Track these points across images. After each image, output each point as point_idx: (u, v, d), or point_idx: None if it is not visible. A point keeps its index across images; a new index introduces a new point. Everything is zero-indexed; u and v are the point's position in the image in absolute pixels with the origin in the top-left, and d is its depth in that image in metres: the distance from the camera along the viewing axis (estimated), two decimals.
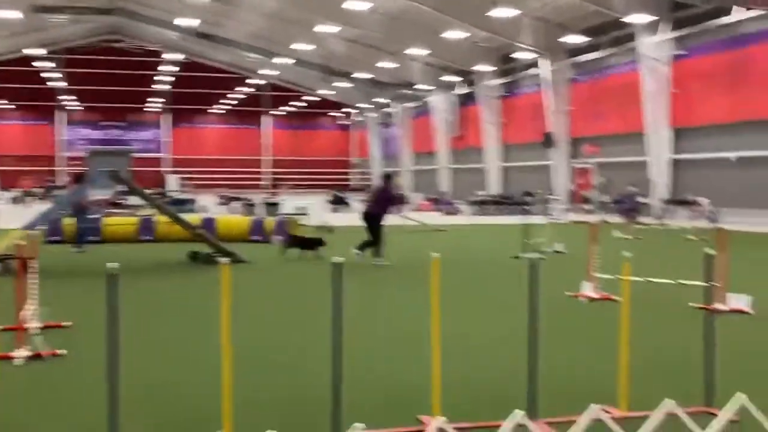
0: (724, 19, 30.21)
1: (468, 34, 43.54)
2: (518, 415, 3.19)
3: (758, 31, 29.97)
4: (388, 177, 16.91)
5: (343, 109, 77.24)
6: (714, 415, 5.28)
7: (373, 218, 15.69)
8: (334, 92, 68.87)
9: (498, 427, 4.66)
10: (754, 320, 9.55)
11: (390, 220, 15.94)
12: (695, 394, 5.75)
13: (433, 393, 5.19)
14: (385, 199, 16.09)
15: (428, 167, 61.34)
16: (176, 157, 75.11)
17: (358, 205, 38.33)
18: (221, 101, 74.97)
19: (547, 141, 42.79)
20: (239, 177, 73.09)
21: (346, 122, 79.11)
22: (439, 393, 5.19)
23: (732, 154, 31.57)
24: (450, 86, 54.96)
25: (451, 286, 12.05)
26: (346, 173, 79.91)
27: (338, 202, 39.08)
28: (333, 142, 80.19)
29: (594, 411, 3.23)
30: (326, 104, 76.31)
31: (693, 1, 27.72)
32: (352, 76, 57.84)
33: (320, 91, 70.60)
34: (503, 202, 39.91)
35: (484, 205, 39.08)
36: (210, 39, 54.84)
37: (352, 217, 34.10)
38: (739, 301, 10.11)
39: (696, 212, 30.36)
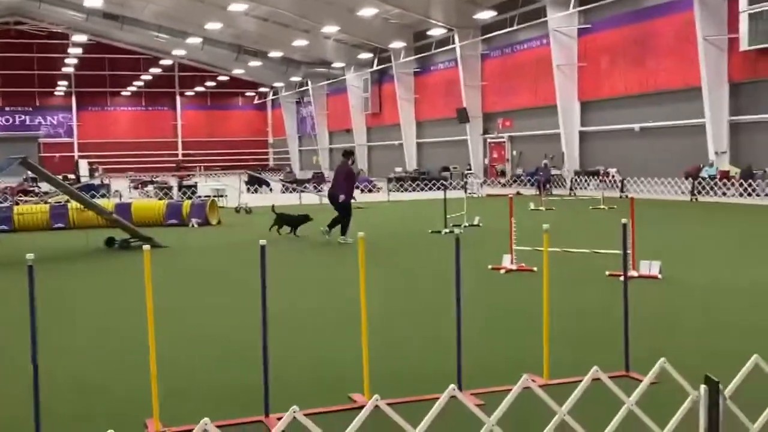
0: None
1: (380, 11, 43.56)
2: (451, 389, 3.27)
3: (660, 4, 30.93)
4: (347, 154, 16.36)
5: (259, 89, 76.27)
6: (633, 378, 5.53)
7: (336, 198, 15.58)
8: (248, 72, 67.92)
9: (428, 400, 4.76)
10: (662, 283, 9.95)
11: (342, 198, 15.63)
12: (614, 359, 5.98)
13: (364, 370, 5.25)
14: (346, 178, 15.80)
15: (345, 145, 61.26)
16: (85, 141, 72.84)
17: (277, 184, 38.13)
18: (133, 83, 72.98)
19: (461, 116, 43.29)
20: (153, 160, 71.53)
21: (261, 102, 78.17)
22: (368, 370, 5.24)
23: (636, 125, 32.62)
24: (365, 64, 54.92)
25: (374, 262, 12.13)
26: (263, 153, 79.10)
27: (255, 183, 38.63)
28: (248, 122, 79.16)
29: (524, 380, 3.34)
30: (240, 84, 75.22)
31: None
32: (266, 55, 57.13)
33: (234, 71, 69.53)
34: (421, 178, 40.24)
35: (402, 181, 39.32)
36: (117, 19, 53.20)
37: (272, 197, 33.93)
38: (651, 267, 10.51)
39: (605, 182, 31.31)
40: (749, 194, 25.73)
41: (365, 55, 53.58)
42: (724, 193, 26.63)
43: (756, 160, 27.12)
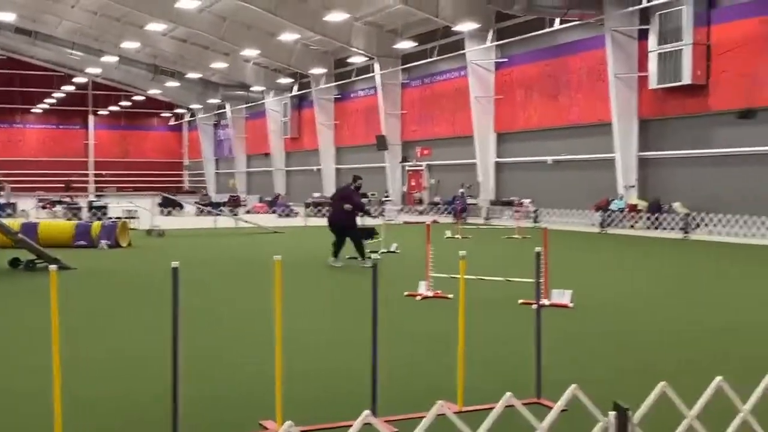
0: (544, 30, 31.95)
1: (301, 37, 43.69)
2: (365, 415, 3.23)
3: (573, 41, 31.96)
4: (356, 178, 16.26)
5: (175, 110, 75.09)
6: (545, 405, 5.59)
7: (335, 225, 15.37)
8: (164, 92, 66.85)
9: (342, 427, 4.70)
10: (574, 312, 10.16)
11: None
12: (527, 386, 6.05)
13: (276, 396, 5.15)
14: (346, 202, 15.42)
15: (263, 169, 60.86)
16: None
17: (192, 207, 37.50)
18: (44, 100, 70.80)
19: (381, 143, 43.58)
20: (63, 179, 69.36)
21: (177, 123, 76.95)
22: (281, 395, 5.15)
23: (549, 158, 33.48)
24: (285, 88, 54.82)
25: (291, 287, 12.02)
26: (178, 175, 77.73)
27: (168, 205, 37.89)
28: (164, 143, 77.77)
29: (439, 407, 3.32)
30: (156, 104, 73.94)
31: (514, 11, 29.12)
32: (184, 76, 56.41)
33: (150, 91, 68.31)
34: None
35: (320, 206, 39.22)
36: (29, 35, 51.63)
37: (186, 220, 33.33)
38: (562, 296, 10.72)
39: (520, 212, 31.97)
40: (656, 227, 26.65)
41: (285, 80, 53.52)
42: (632, 226, 27.51)
43: (662, 194, 28.14)
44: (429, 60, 39.16)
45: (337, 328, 9.26)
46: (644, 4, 27.11)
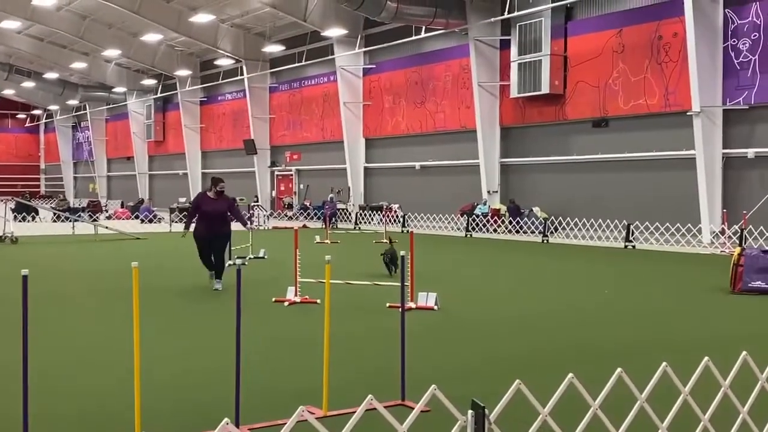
0: (411, 38, 32.52)
1: (165, 38, 42.60)
2: (224, 424, 3.16)
3: (440, 50, 32.71)
4: (214, 182, 13.53)
5: (31, 111, 71.38)
6: (408, 407, 5.66)
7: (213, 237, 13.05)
8: (19, 92, 63.44)
9: None
10: (438, 314, 10.36)
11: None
12: (392, 388, 6.10)
13: (135, 406, 4.96)
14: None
15: (126, 173, 58.86)
16: None
17: (47, 213, 35.73)
18: None
19: (249, 148, 43.08)
20: None
21: (33, 124, 73.18)
22: (139, 405, 4.97)
23: (417, 164, 34.09)
24: (148, 90, 53.26)
25: (151, 295, 11.65)
26: (35, 179, 73.91)
27: (23, 210, 35.96)
28: (18, 145, 73.73)
29: (300, 412, 3.30)
30: (11, 105, 70.04)
31: (380, 18, 29.49)
32: (41, 76, 53.77)
33: (4, 91, 64.64)
34: None
35: (185, 212, 38.28)
36: None
37: (42, 226, 31.74)
38: (427, 298, 10.92)
39: (388, 217, 32.35)
40: (517, 231, 27.62)
41: (149, 81, 52.02)
42: (495, 230, 28.39)
43: (523, 199, 29.20)
44: (298, 64, 39.07)
45: (200, 335, 9.04)
46: (506, 15, 28.07)
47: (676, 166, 24.46)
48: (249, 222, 14.52)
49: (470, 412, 3.44)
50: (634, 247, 22.52)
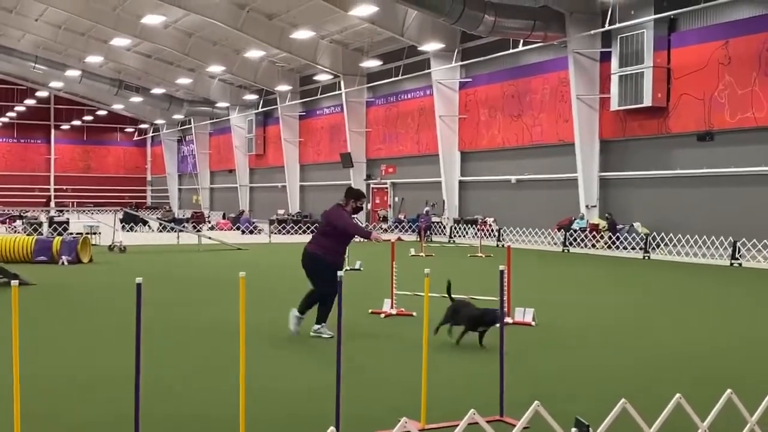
0: (508, 51, 32.32)
1: (267, 54, 43.70)
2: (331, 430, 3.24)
3: (537, 62, 32.38)
4: (351, 195, 10.19)
5: (139, 125, 74.39)
6: (508, 423, 5.64)
7: (313, 260, 9.78)
8: (128, 107, 66.26)
9: None
10: (536, 330, 10.24)
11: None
12: (490, 403, 6.09)
13: (240, 416, 5.12)
14: (335, 229, 9.83)
15: (227, 185, 60.54)
16: None
17: (155, 223, 37.13)
18: (5, 114, 69.53)
19: (346, 161, 43.63)
20: (24, 194, 68.23)
21: (140, 138, 76.24)
22: (244, 415, 5.12)
23: (512, 177, 33.79)
24: (250, 105, 54.70)
25: (253, 304, 11.95)
26: (141, 191, 76.93)
27: (131, 221, 37.47)
28: (126, 158, 76.91)
29: (402, 424, 3.35)
30: (120, 119, 73.21)
31: (478, 32, 29.45)
32: (148, 91, 56.01)
33: (113, 106, 67.64)
34: (303, 221, 40.18)
35: (284, 223, 39.11)
36: None
37: (148, 236, 33.00)
38: (525, 314, 10.81)
39: (483, 231, 32.15)
40: (616, 246, 26.98)
41: (250, 96, 53.43)
42: (593, 245, 27.82)
43: (622, 214, 28.52)
44: (394, 79, 39.38)
45: (296, 344, 9.22)
46: (607, 27, 27.58)
47: None
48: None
49: (574, 430, 3.42)
50: (740, 264, 21.68)
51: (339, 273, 5.82)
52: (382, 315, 11.35)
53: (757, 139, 24.32)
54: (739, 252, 22.24)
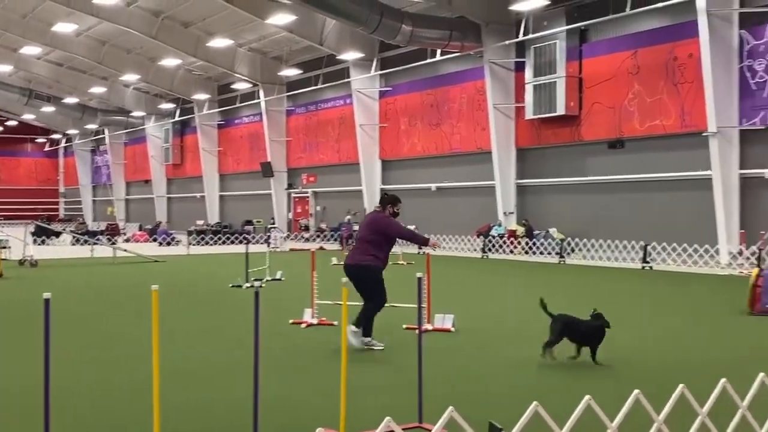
0: (426, 60, 32.68)
1: (184, 62, 43.08)
2: None
3: (454, 72, 32.86)
4: (385, 201, 10.19)
5: (51, 135, 72.18)
6: (426, 429, 5.68)
7: (359, 268, 9.44)
8: (39, 117, 64.22)
9: None
10: (455, 336, 10.36)
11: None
12: (409, 409, 6.12)
13: (155, 427, 5.02)
14: (384, 236, 9.77)
15: (144, 196, 59.30)
16: None
17: (68, 236, 36.03)
18: None
19: (266, 170, 43.34)
20: None
21: (52, 149, 73.97)
22: (159, 426, 5.03)
23: (433, 185, 34.16)
24: (167, 114, 53.78)
25: (171, 317, 11.73)
26: (53, 203, 74.61)
27: (43, 234, 36.29)
28: (39, 169, 74.52)
29: None
30: (31, 129, 70.89)
31: (396, 42, 29.71)
32: (60, 100, 54.43)
33: (24, 116, 65.44)
34: (223, 232, 39.69)
35: (203, 234, 38.54)
36: None
37: (61, 249, 32.01)
38: (444, 320, 10.93)
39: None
40: (533, 252, 27.55)
41: (167, 105, 52.54)
42: (511, 251, 28.33)
43: (539, 220, 29.15)
44: (314, 88, 39.35)
45: (219, 357, 9.09)
46: (521, 37, 28.20)
47: (692, 187, 24.37)
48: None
49: None
50: (651, 267, 22.42)
51: (258, 284, 5.77)
52: (303, 325, 11.30)
53: (665, 146, 25.24)
54: (649, 255, 23.00)
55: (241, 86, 44.36)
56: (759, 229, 21.72)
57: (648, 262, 22.77)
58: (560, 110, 27.35)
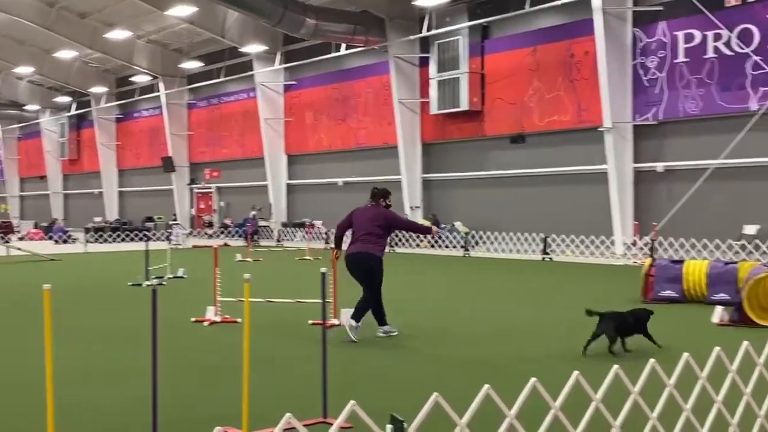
0: (331, 54, 32.61)
1: (80, 54, 41.67)
2: None
3: (360, 66, 32.90)
4: (380, 195, 10.70)
5: None
6: (329, 424, 5.66)
7: (366, 260, 9.97)
8: None
9: None
10: (362, 329, 10.38)
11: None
12: (313, 406, 6.09)
13: (48, 428, 4.82)
14: (387, 228, 10.41)
15: (39, 192, 57.09)
16: None
17: None
18: None
19: (167, 165, 42.39)
20: None
21: None
22: (53, 427, 4.84)
23: (339, 180, 34.15)
24: (62, 107, 51.91)
25: (67, 317, 11.33)
26: None
27: None
28: None
29: None
30: None
31: (300, 35, 29.53)
32: None
33: None
34: (122, 229, 38.61)
35: (101, 231, 37.40)
36: None
37: None
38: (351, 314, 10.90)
39: (311, 234, 32.24)
40: (439, 245, 27.91)
41: (63, 99, 50.70)
42: (417, 245, 28.61)
43: (445, 214, 29.55)
44: (216, 81, 38.71)
45: (118, 357, 8.83)
46: (424, 33, 28.47)
47: (589, 180, 25.17)
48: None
49: (389, 426, 3.48)
50: (551, 259, 23.05)
51: (157, 281, 5.63)
52: (206, 323, 11.10)
53: (564, 141, 25.97)
54: (549, 247, 23.64)
55: (141, 79, 43.22)
56: (651, 220, 22.64)
57: (548, 254, 23.40)
58: (464, 106, 27.76)
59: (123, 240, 36.05)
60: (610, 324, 8.59)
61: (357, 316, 9.75)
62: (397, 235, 28.89)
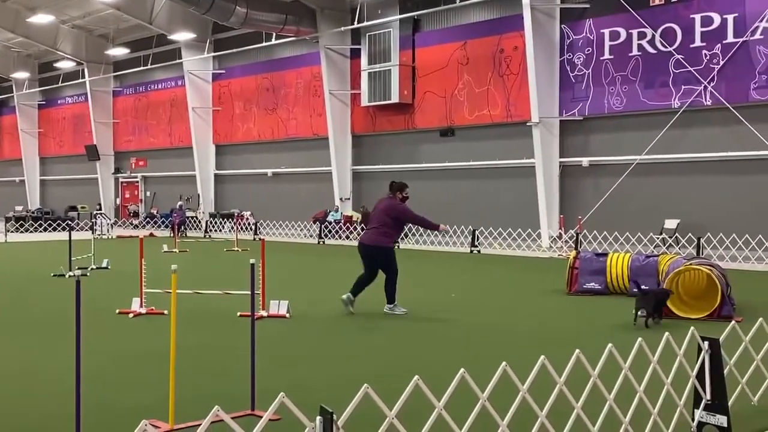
0: (261, 44, 32.27)
1: (1, 38, 40.23)
2: None
3: (290, 57, 32.66)
4: (397, 187, 11.64)
5: None
6: (258, 416, 5.62)
7: (375, 250, 11.25)
8: None
9: None
10: (291, 322, 10.35)
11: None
12: (242, 398, 6.04)
13: None
14: (397, 221, 11.38)
15: None
16: None
17: None
18: None
19: (91, 153, 41.34)
20: None
21: None
22: None
23: (269, 170, 33.86)
24: None
25: None
26: None
27: None
28: None
29: (143, 427, 3.21)
30: None
31: (230, 23, 29.13)
32: None
33: None
34: (44, 218, 37.51)
35: (22, 221, 36.25)
36: None
37: None
38: (279, 306, 10.87)
39: (240, 225, 31.92)
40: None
41: None
42: (347, 237, 28.61)
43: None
44: (143, 68, 37.89)
45: (37, 355, 8.59)
46: (356, 25, 28.42)
47: (517, 174, 25.57)
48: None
49: (318, 418, 3.48)
50: (479, 251, 23.35)
51: (80, 272, 5.48)
52: (131, 315, 10.88)
53: (493, 135, 26.32)
54: (477, 240, 23.94)
55: (65, 65, 41.96)
56: (577, 214, 23.16)
57: (476, 246, 23.69)
58: (394, 98, 27.85)
59: (45, 230, 35.03)
60: (653, 299, 9.92)
61: (355, 291, 11.17)
62: (326, 227, 28.81)
